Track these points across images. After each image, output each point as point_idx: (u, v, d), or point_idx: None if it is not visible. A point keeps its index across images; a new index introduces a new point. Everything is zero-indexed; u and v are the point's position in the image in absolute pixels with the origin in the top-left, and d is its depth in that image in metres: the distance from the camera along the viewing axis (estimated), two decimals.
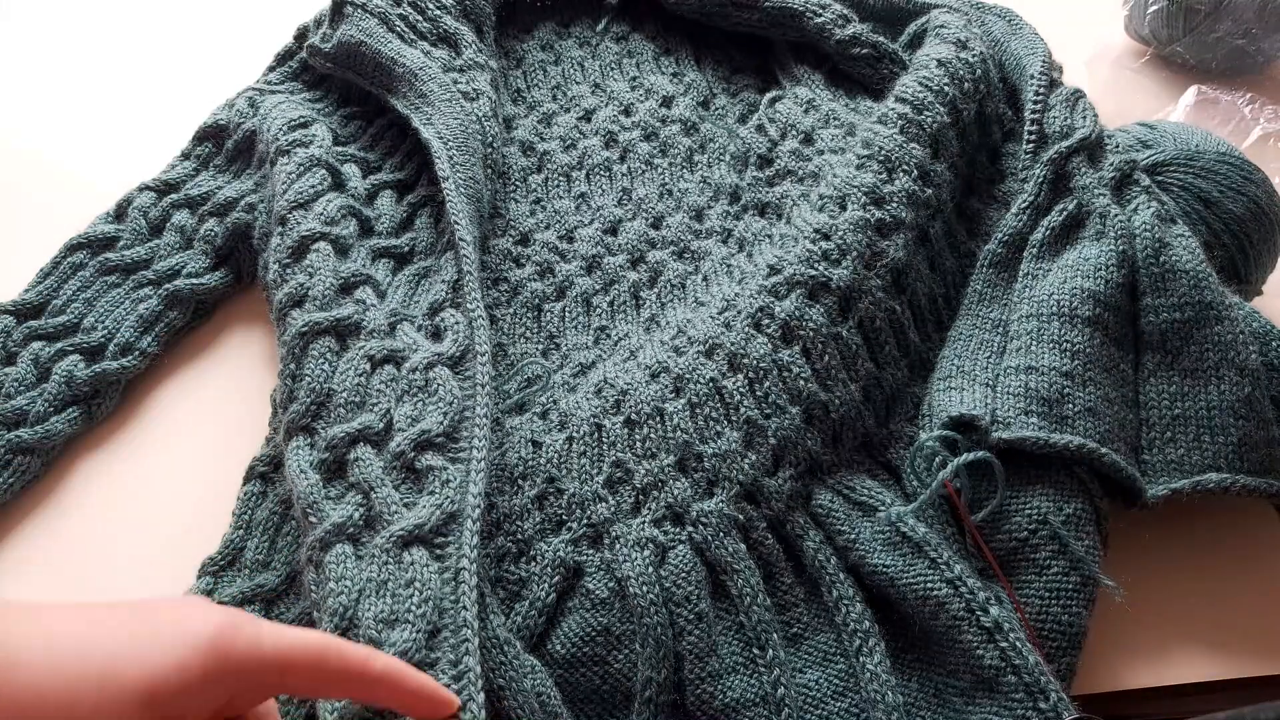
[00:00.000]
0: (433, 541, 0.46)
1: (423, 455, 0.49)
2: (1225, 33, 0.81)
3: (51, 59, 0.93)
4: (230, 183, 0.73)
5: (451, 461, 0.49)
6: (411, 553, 0.45)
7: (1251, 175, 0.62)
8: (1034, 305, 0.57)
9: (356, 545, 0.46)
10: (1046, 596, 0.48)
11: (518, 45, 0.85)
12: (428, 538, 0.46)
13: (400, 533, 0.45)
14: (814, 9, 0.77)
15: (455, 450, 0.50)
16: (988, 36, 0.75)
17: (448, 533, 0.46)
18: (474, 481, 0.48)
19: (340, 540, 0.46)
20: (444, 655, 0.41)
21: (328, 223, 0.63)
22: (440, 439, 0.50)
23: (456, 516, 0.47)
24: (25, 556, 0.56)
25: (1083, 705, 0.46)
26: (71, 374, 0.61)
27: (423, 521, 0.46)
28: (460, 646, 0.41)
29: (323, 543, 0.46)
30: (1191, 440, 0.53)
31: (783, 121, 0.73)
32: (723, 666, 0.47)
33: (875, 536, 0.50)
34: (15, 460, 0.58)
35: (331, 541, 0.46)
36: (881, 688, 0.46)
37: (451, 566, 0.45)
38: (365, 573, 0.44)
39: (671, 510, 0.51)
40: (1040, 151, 0.65)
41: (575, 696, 0.47)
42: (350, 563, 0.45)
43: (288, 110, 0.73)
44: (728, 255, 0.66)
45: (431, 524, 0.46)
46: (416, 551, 0.45)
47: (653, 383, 0.55)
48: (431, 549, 0.45)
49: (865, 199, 0.60)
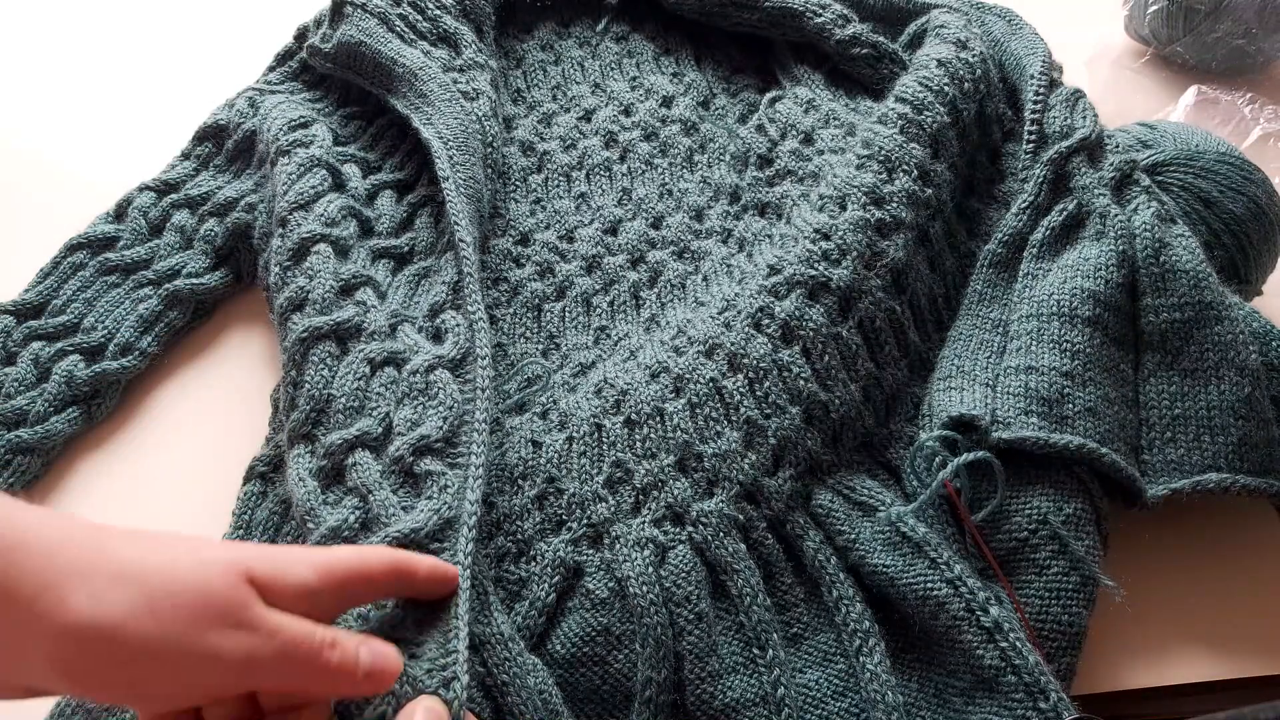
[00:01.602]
0: (429, 548, 0.46)
1: (421, 460, 0.49)
2: (1225, 33, 0.81)
3: (52, 59, 0.93)
4: (230, 183, 0.73)
5: (450, 467, 0.49)
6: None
7: (1251, 175, 0.62)
8: (1034, 305, 0.57)
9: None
10: (1046, 596, 0.48)
11: (518, 45, 0.85)
12: (423, 543, 0.46)
13: (396, 536, 0.45)
14: (814, 9, 0.77)
15: (454, 455, 0.50)
16: (988, 36, 0.75)
17: (444, 539, 0.46)
18: (471, 488, 0.48)
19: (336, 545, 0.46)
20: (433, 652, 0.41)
21: (328, 224, 0.63)
22: (439, 444, 0.50)
23: (453, 523, 0.47)
24: None
25: (1083, 705, 0.46)
26: (71, 374, 0.61)
27: (419, 526, 0.46)
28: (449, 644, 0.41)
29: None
30: (1191, 440, 0.53)
31: (783, 121, 0.73)
32: (723, 666, 0.47)
33: (875, 536, 0.50)
34: (15, 460, 0.58)
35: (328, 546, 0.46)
36: (881, 688, 0.46)
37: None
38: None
39: (671, 510, 0.51)
40: (1040, 151, 0.65)
41: (575, 696, 0.47)
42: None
43: (288, 110, 0.73)
44: (728, 255, 0.66)
45: (428, 529, 0.46)
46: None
47: (653, 383, 0.55)
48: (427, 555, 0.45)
49: (865, 199, 0.60)
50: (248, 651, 0.33)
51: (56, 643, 0.31)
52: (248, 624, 0.34)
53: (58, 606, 0.31)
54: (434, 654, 0.40)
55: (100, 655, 0.32)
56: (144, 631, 0.32)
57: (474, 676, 0.44)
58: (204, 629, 0.33)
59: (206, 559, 0.34)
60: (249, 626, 0.34)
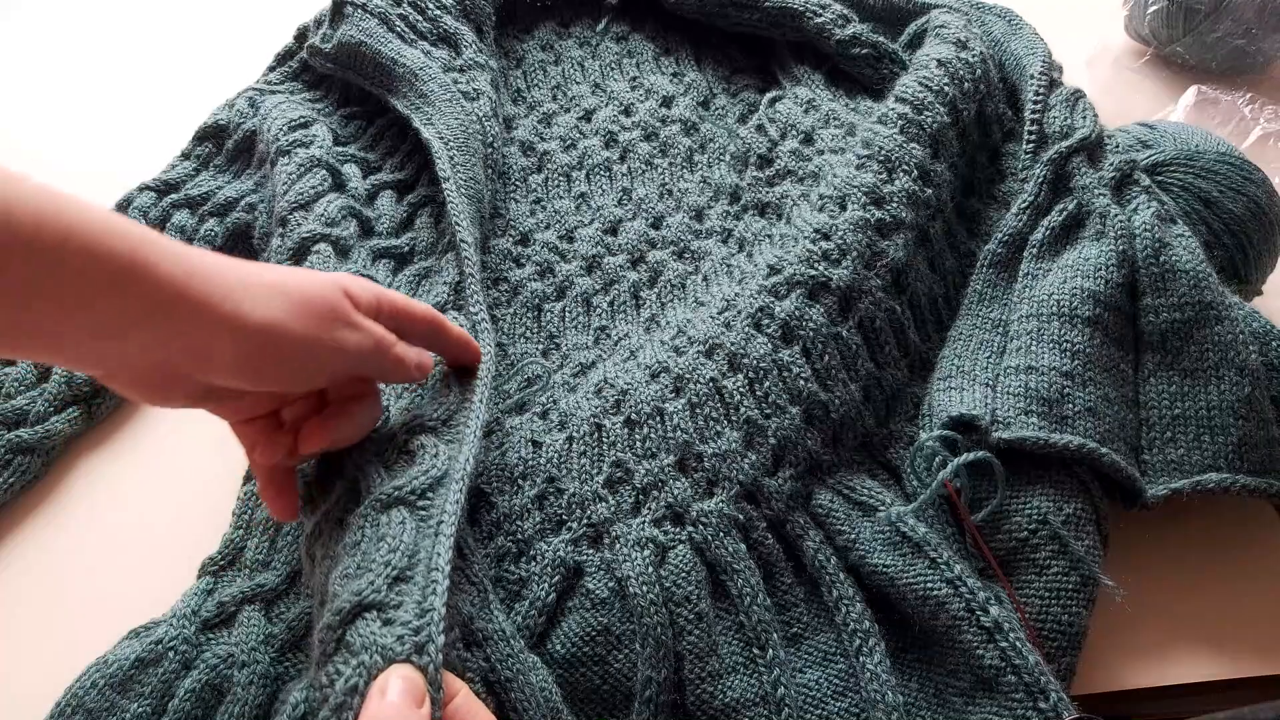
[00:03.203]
0: (415, 503, 0.44)
1: (416, 437, 0.48)
2: (1225, 33, 0.81)
3: (52, 59, 0.93)
4: (230, 183, 0.73)
5: (445, 442, 0.48)
6: (390, 513, 0.43)
7: (1251, 175, 0.62)
8: (1034, 305, 0.57)
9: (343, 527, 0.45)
10: (1046, 596, 0.48)
11: (518, 45, 0.85)
12: (409, 499, 0.44)
13: (382, 496, 0.44)
14: (814, 9, 0.77)
15: (449, 434, 0.49)
16: (988, 36, 0.75)
17: (432, 495, 0.44)
18: (466, 455, 0.46)
19: (328, 524, 0.46)
20: (409, 598, 0.39)
21: (328, 224, 0.63)
22: (434, 423, 0.49)
23: (442, 480, 0.45)
24: (25, 556, 0.56)
25: (1083, 705, 0.46)
26: (71, 374, 0.61)
27: (404, 484, 0.44)
28: (429, 588, 0.39)
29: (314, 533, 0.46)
30: (1191, 440, 0.53)
31: (783, 121, 0.73)
32: (723, 666, 0.47)
33: (875, 536, 0.50)
34: (15, 460, 0.58)
35: (321, 529, 0.46)
36: (881, 688, 0.46)
37: (432, 524, 0.43)
38: (346, 539, 0.43)
39: (671, 510, 0.51)
40: (1040, 151, 0.65)
41: (575, 696, 0.47)
42: (333, 544, 0.44)
43: (288, 110, 0.73)
44: (728, 255, 0.66)
45: (414, 487, 0.44)
46: (396, 512, 0.43)
47: (653, 382, 0.55)
48: (413, 509, 0.44)
49: (865, 199, 0.60)
50: (357, 344, 0.44)
51: (239, 340, 0.39)
52: (355, 325, 0.44)
53: (236, 311, 0.39)
54: (408, 618, 0.38)
55: (268, 350, 0.40)
56: (296, 329, 0.41)
57: (477, 672, 0.44)
58: (331, 328, 0.42)
59: (321, 277, 0.44)
60: (355, 326, 0.44)
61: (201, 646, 0.49)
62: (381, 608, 0.38)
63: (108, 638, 0.49)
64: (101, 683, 0.47)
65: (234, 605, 0.50)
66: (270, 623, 0.50)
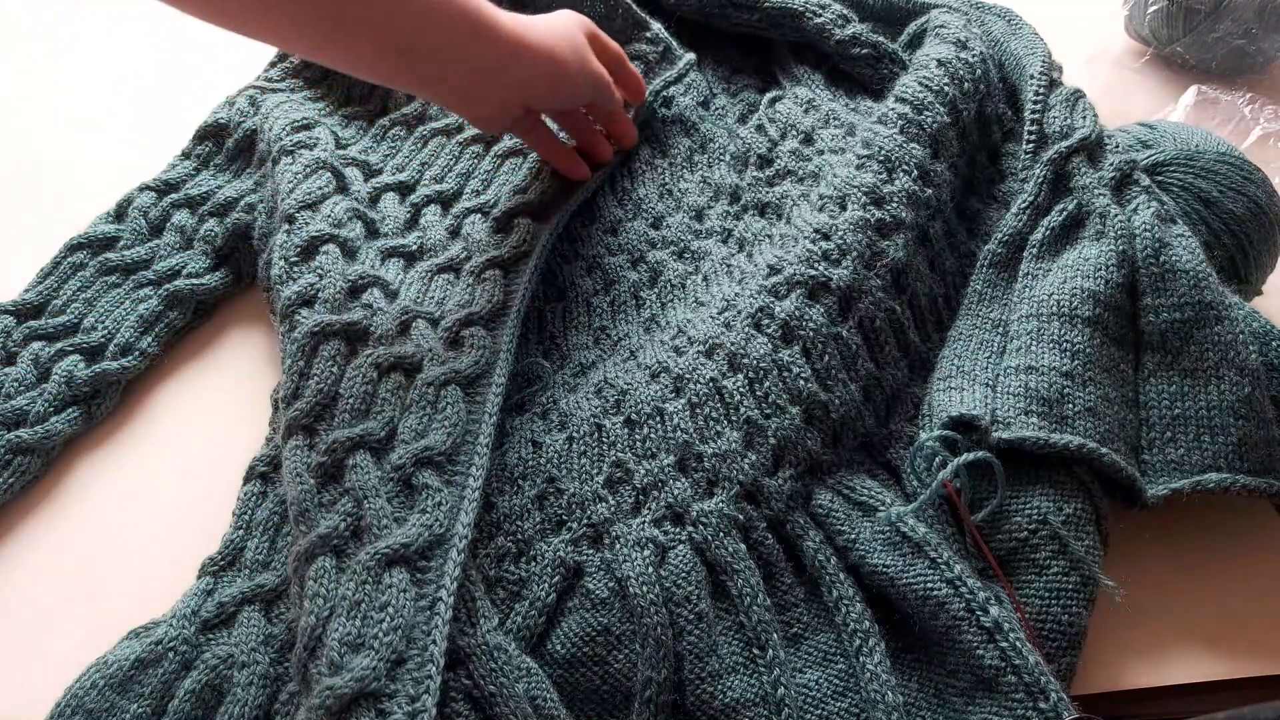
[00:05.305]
0: (416, 564, 0.46)
1: (421, 472, 0.49)
2: (1225, 33, 0.81)
3: (52, 59, 0.93)
4: (231, 182, 0.73)
5: (447, 484, 0.49)
6: (392, 574, 0.45)
7: (1251, 175, 0.62)
8: (1034, 305, 0.57)
9: (340, 558, 0.46)
10: (1046, 596, 0.48)
11: None
12: (411, 559, 0.46)
13: (386, 550, 0.45)
14: (814, 9, 0.77)
15: (452, 472, 0.50)
16: (988, 36, 0.75)
17: (432, 556, 0.46)
18: (465, 511, 0.48)
19: (324, 553, 0.46)
20: (403, 689, 0.41)
21: (335, 225, 0.63)
22: (440, 458, 0.50)
23: (443, 541, 0.47)
24: (25, 556, 0.56)
25: (1083, 705, 0.46)
26: (71, 374, 0.61)
27: (409, 541, 0.46)
28: (422, 684, 0.41)
29: (308, 554, 0.46)
30: (1191, 440, 0.53)
31: (783, 121, 0.73)
32: (723, 666, 0.47)
33: (875, 536, 0.50)
34: (15, 460, 0.58)
35: (315, 554, 0.46)
36: (881, 688, 0.46)
37: (430, 595, 0.45)
38: (342, 589, 0.44)
39: (671, 510, 0.51)
40: (1040, 151, 0.65)
41: (575, 697, 0.47)
42: (328, 579, 0.45)
43: (290, 111, 0.73)
44: (728, 255, 0.66)
45: (417, 545, 0.46)
46: (397, 574, 0.45)
47: (653, 383, 0.55)
48: (413, 571, 0.45)
49: (865, 199, 0.60)
50: (602, 73, 0.65)
51: (544, 66, 0.60)
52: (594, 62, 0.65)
53: (539, 44, 0.59)
54: (401, 700, 0.41)
55: (558, 73, 0.61)
56: (572, 59, 0.62)
57: (460, 690, 0.44)
58: (591, 59, 0.64)
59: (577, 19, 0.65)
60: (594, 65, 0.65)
61: (201, 647, 0.49)
62: (377, 697, 0.41)
63: (108, 638, 0.49)
64: (101, 683, 0.47)
65: (234, 606, 0.50)
66: (270, 623, 0.50)
